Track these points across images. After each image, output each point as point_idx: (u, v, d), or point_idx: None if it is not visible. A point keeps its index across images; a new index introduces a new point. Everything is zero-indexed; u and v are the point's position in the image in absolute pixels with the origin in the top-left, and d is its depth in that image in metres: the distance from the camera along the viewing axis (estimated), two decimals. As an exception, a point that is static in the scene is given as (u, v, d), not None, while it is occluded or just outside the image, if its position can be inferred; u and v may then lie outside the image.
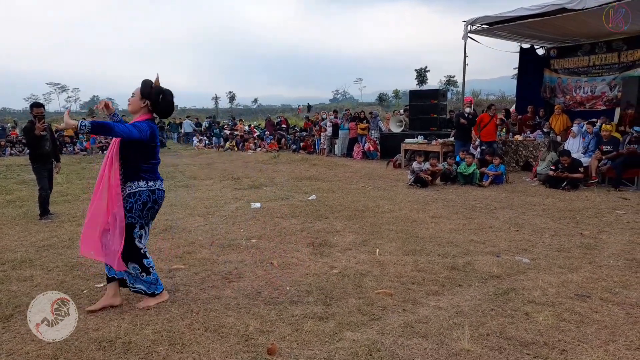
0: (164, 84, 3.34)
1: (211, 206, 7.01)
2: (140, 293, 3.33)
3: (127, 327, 2.99)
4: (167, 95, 3.28)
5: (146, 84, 3.26)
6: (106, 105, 3.35)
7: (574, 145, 9.53)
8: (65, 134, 19.18)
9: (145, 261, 3.29)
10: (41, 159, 6.33)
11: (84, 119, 3.48)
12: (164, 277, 3.92)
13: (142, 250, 3.26)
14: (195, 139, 22.57)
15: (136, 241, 3.24)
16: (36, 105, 6.37)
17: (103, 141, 18.57)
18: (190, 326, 3.00)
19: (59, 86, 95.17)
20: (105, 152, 17.71)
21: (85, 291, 3.63)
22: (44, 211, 6.32)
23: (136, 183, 3.20)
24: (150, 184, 3.25)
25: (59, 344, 2.75)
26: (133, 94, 3.29)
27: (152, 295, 3.33)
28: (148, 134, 3.16)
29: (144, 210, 3.23)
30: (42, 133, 6.20)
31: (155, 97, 3.24)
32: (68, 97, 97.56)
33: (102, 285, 3.73)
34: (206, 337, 2.85)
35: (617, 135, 9.20)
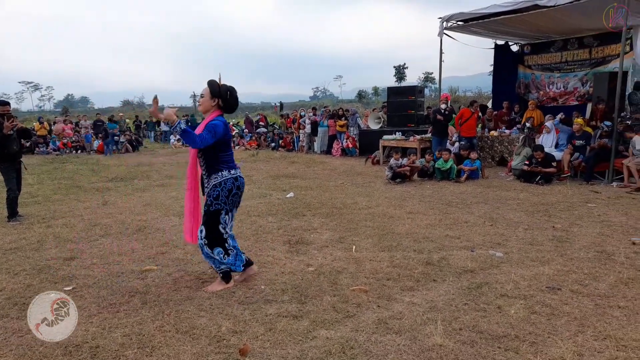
0: (141, 79, 3.33)
1: (187, 205, 6.90)
2: (226, 274, 3.62)
3: (95, 331, 2.90)
4: (234, 91, 3.55)
5: (214, 85, 3.49)
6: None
7: (547, 141, 9.70)
8: (38, 133, 18.67)
9: (226, 245, 3.56)
10: (9, 158, 6.12)
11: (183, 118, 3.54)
12: (135, 278, 3.85)
13: (224, 235, 3.53)
14: (172, 138, 22.23)
15: (220, 227, 3.51)
16: (1, 104, 6.16)
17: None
18: (160, 328, 2.93)
19: (31, 85, 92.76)
20: (79, 152, 17.34)
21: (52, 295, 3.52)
22: (12, 213, 6.12)
23: (220, 174, 3.48)
24: (232, 172, 3.53)
25: (22, 350, 2.66)
26: (202, 95, 3.52)
27: (227, 275, 3.62)
28: (222, 130, 3.41)
29: (230, 197, 3.50)
30: (9, 132, 5.99)
31: (225, 94, 3.50)
32: (42, 95, 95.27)
33: (70, 288, 3.63)
34: (177, 339, 2.79)
35: (589, 129, 9.41)
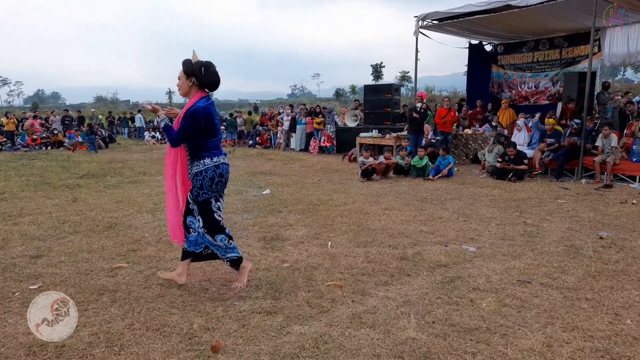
0: (114, 75, 3.25)
1: (160, 202, 6.77)
2: (234, 261, 3.47)
3: (62, 330, 2.81)
4: (209, 66, 3.28)
5: (187, 63, 3.27)
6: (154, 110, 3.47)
7: (519, 139, 9.90)
8: (5, 128, 18.05)
9: (227, 230, 3.46)
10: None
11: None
12: (104, 276, 3.75)
13: (221, 222, 3.43)
14: (146, 134, 21.83)
15: (215, 215, 3.41)
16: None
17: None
18: (130, 326, 2.86)
19: (0, 79, 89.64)
20: (49, 148, 16.82)
21: (17, 293, 3.39)
22: (-24, 210, 5.89)
23: (202, 162, 3.32)
24: (214, 159, 3.35)
25: (-18, 352, 2.55)
26: (179, 77, 3.31)
27: (240, 260, 3.48)
28: (201, 118, 3.20)
29: (213, 185, 3.36)
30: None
31: (198, 71, 3.25)
32: (10, 90, 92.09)
33: (36, 287, 3.51)
34: (147, 337, 2.73)
35: (559, 128, 9.65)
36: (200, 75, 3.24)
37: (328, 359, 2.49)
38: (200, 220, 3.37)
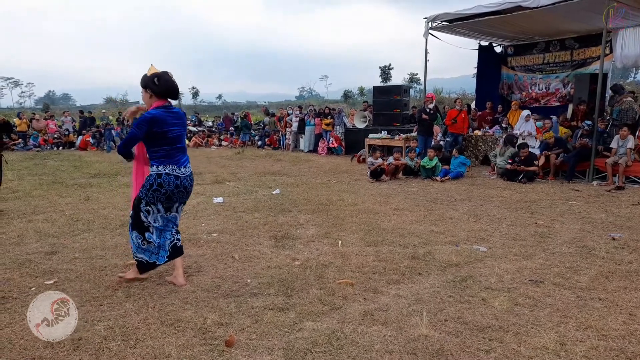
0: (124, 77, 3.28)
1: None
2: (142, 263, 3.47)
3: (78, 324, 2.84)
4: (162, 76, 3.37)
5: (143, 76, 3.42)
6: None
7: (528, 141, 9.84)
8: (18, 129, 18.27)
9: (147, 234, 3.44)
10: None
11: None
12: (118, 272, 3.78)
13: (145, 224, 3.43)
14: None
15: (142, 215, 3.42)
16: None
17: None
18: (145, 321, 2.90)
19: (12, 80, 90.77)
20: (60, 148, 17.01)
21: (33, 289, 3.45)
22: (-9, 208, 5.98)
23: (152, 168, 3.43)
24: (160, 168, 3.39)
25: (1, 344, 2.60)
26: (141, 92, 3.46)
27: (153, 265, 3.50)
28: (146, 124, 3.24)
29: (150, 191, 3.39)
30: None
31: (150, 82, 3.35)
32: (22, 92, 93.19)
33: (51, 282, 3.56)
34: (162, 332, 2.76)
35: (567, 130, 9.61)
36: (154, 85, 3.34)
37: (341, 355, 2.51)
38: (132, 211, 3.47)
